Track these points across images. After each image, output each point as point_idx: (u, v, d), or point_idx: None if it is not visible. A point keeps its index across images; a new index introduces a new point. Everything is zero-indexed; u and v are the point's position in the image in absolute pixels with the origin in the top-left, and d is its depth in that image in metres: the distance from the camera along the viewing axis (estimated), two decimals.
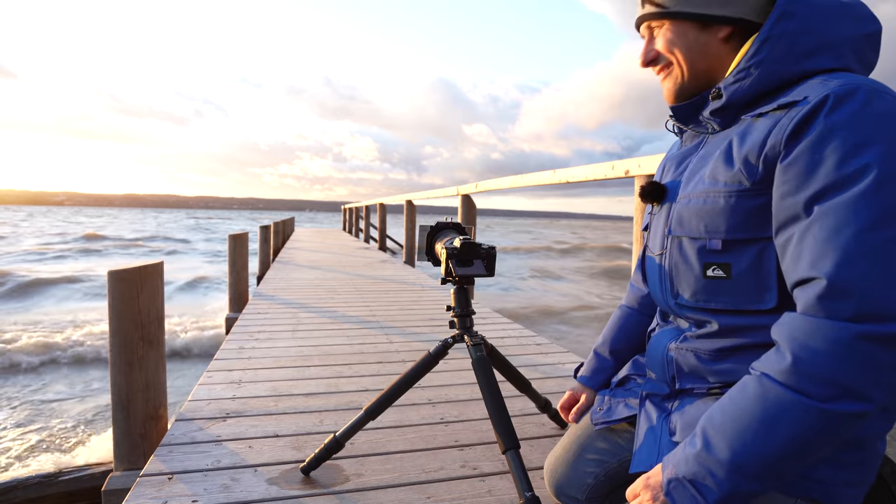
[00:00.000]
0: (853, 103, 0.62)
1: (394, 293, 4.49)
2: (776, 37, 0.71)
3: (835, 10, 0.72)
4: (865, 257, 0.58)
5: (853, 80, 0.64)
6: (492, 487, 1.33)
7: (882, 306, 0.57)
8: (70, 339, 7.55)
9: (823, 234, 0.61)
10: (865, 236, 0.59)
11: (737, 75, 0.74)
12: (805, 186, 0.63)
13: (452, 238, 1.33)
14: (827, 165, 0.62)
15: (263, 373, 2.22)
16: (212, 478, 1.33)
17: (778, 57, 0.72)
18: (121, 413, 1.65)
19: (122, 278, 1.64)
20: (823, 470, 0.70)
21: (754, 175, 0.70)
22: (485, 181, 4.07)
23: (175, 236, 37.29)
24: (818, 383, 0.59)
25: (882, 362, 0.57)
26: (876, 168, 0.59)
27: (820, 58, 0.71)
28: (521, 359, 2.54)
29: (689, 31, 0.78)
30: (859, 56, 0.73)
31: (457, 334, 1.34)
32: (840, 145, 0.61)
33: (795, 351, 0.61)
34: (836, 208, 0.61)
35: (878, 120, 0.61)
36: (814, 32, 0.71)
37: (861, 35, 0.73)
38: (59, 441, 4.36)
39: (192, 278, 15.09)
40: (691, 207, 0.79)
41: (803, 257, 0.63)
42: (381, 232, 9.89)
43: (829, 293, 0.60)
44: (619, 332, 1.11)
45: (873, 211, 0.58)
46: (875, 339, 0.57)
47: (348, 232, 15.48)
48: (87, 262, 19.76)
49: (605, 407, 0.99)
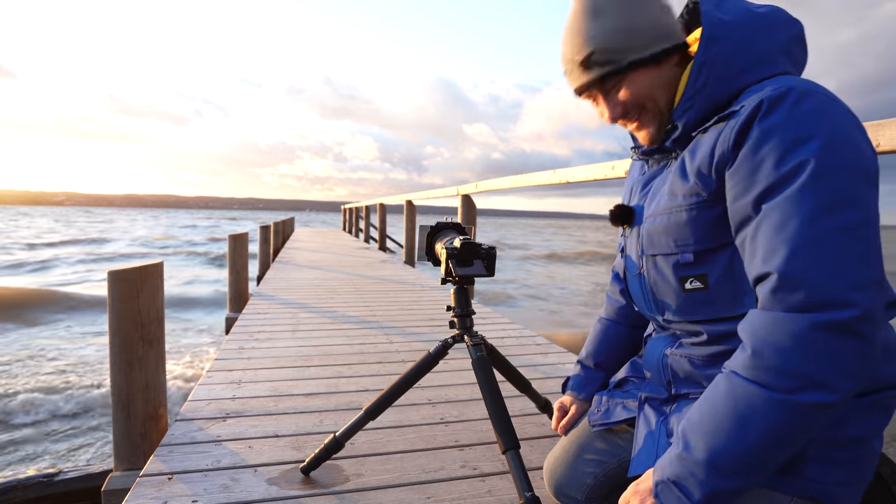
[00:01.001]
0: (785, 105, 0.64)
1: (394, 293, 4.49)
2: (709, 62, 0.74)
3: (757, 24, 0.75)
4: (811, 248, 0.60)
5: (785, 83, 0.67)
6: (492, 487, 1.33)
7: (831, 294, 0.59)
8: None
9: (771, 230, 0.64)
10: (809, 227, 0.60)
11: (684, 105, 0.77)
12: (751, 188, 0.66)
13: (452, 238, 1.33)
14: (768, 165, 0.64)
15: (263, 373, 2.22)
16: (212, 478, 1.33)
17: (716, 79, 0.74)
18: (121, 413, 1.65)
19: (122, 278, 1.64)
20: (817, 468, 0.70)
21: (709, 185, 0.72)
22: (485, 181, 4.07)
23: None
24: (782, 376, 0.60)
25: (840, 350, 0.58)
26: (813, 162, 0.61)
27: (755, 71, 0.73)
28: (521, 359, 2.54)
29: (650, 72, 0.79)
30: (791, 58, 0.76)
31: (457, 334, 1.34)
32: (777, 145, 0.64)
33: (757, 346, 0.63)
34: (780, 204, 0.63)
35: (810, 117, 0.63)
36: (742, 50, 0.74)
37: (787, 40, 0.76)
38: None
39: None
40: (657, 225, 0.81)
41: (756, 255, 0.65)
42: (381, 232, 9.89)
43: (780, 286, 0.62)
44: (601, 345, 1.12)
45: (814, 203, 0.61)
46: (830, 328, 0.58)
47: (348, 232, 15.48)
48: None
49: (602, 409, 1.00)
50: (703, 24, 0.75)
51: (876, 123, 1.08)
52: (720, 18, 0.74)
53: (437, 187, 5.63)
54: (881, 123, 1.07)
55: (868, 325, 0.58)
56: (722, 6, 0.76)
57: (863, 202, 0.61)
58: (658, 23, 0.78)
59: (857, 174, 0.61)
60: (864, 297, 0.58)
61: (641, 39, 0.77)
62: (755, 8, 0.77)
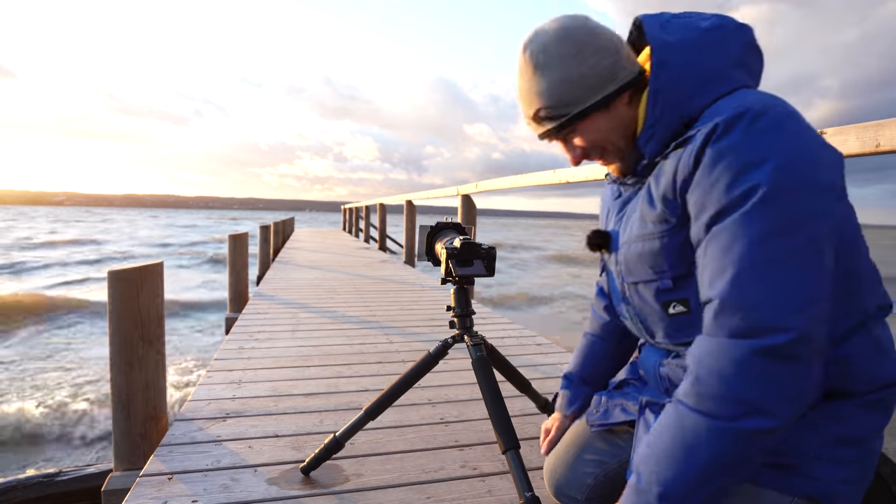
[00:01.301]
0: (739, 127, 0.64)
1: (394, 293, 4.49)
2: (662, 89, 0.74)
3: (704, 41, 0.74)
4: (751, 273, 0.60)
5: (741, 102, 0.66)
6: (492, 487, 1.33)
7: (769, 320, 0.59)
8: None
9: (717, 254, 0.64)
10: (751, 253, 0.61)
11: (646, 135, 0.77)
12: (704, 211, 0.67)
13: (452, 238, 1.33)
14: (720, 189, 0.64)
15: (263, 373, 2.22)
16: (212, 478, 1.33)
17: (671, 105, 0.74)
18: (121, 413, 1.65)
19: (122, 278, 1.64)
20: (820, 467, 0.70)
21: (675, 211, 0.73)
22: (485, 181, 4.07)
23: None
24: (723, 403, 0.60)
25: (779, 375, 0.59)
26: (763, 185, 0.61)
27: (709, 90, 0.73)
28: (521, 359, 2.54)
29: (598, 118, 0.80)
30: (746, 69, 0.75)
31: (457, 334, 1.34)
32: (729, 168, 0.64)
33: (700, 373, 0.63)
34: (727, 229, 0.63)
35: (764, 138, 0.63)
36: (693, 72, 0.73)
37: (739, 51, 0.75)
38: None
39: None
40: (632, 252, 0.81)
41: (703, 279, 0.66)
42: (381, 232, 9.88)
43: (721, 311, 0.63)
44: (587, 361, 1.13)
45: (759, 228, 0.61)
46: (768, 353, 0.59)
47: (348, 232, 15.48)
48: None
49: (601, 409, 1.00)
50: (651, 49, 0.74)
51: (876, 123, 1.08)
52: (666, 41, 0.74)
53: (438, 187, 5.63)
54: (881, 123, 1.07)
55: (804, 347, 0.59)
56: (667, 27, 0.75)
57: (812, 223, 0.60)
58: (598, 68, 0.77)
59: (810, 192, 0.61)
60: (799, 321, 0.58)
61: (584, 90, 0.78)
62: (701, 23, 0.76)
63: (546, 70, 0.78)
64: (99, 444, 4.41)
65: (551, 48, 0.78)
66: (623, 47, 0.79)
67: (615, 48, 0.78)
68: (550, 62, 0.78)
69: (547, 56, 0.78)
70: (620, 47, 0.78)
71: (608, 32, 0.79)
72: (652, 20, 0.77)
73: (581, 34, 0.77)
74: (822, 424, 0.71)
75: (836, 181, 0.66)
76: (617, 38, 0.79)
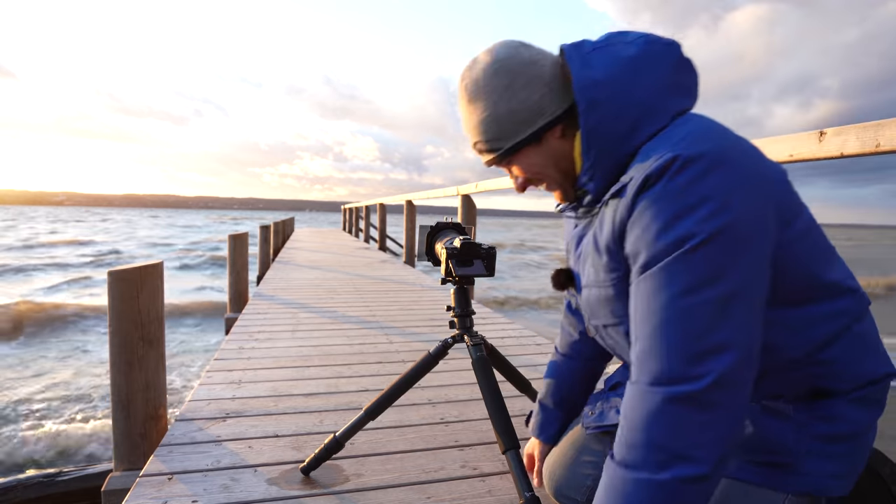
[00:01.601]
0: (666, 178, 0.64)
1: (394, 293, 4.49)
2: (593, 131, 0.73)
3: (632, 70, 0.72)
4: (670, 323, 0.61)
5: (673, 146, 0.65)
6: (492, 487, 1.33)
7: (682, 368, 0.60)
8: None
9: (641, 303, 0.65)
10: (671, 304, 0.62)
11: (586, 174, 0.77)
12: (636, 260, 0.67)
13: (452, 238, 1.33)
14: (647, 239, 0.65)
15: (263, 373, 2.22)
16: (212, 478, 1.33)
17: (607, 148, 0.73)
18: (121, 413, 1.65)
19: (122, 278, 1.64)
20: (813, 463, 0.71)
21: (620, 260, 0.73)
22: (485, 181, 4.07)
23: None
24: (645, 451, 0.61)
25: (695, 422, 0.59)
26: (687, 238, 0.61)
27: (645, 126, 0.71)
28: (521, 359, 2.54)
29: (531, 152, 0.80)
30: (679, 90, 0.74)
31: (457, 334, 1.34)
32: (654, 219, 0.64)
33: (624, 424, 0.65)
34: (651, 278, 0.64)
35: (690, 189, 0.63)
36: (625, 109, 0.71)
37: (669, 72, 0.73)
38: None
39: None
40: (592, 297, 0.82)
41: (632, 325, 0.67)
42: (381, 232, 9.89)
43: (641, 359, 0.64)
44: (558, 385, 1.13)
45: (680, 280, 0.61)
46: (681, 400, 0.59)
47: (348, 232, 15.48)
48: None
49: (596, 411, 1.00)
50: (575, 90, 0.73)
51: (875, 123, 1.08)
52: (592, 79, 0.72)
53: (438, 187, 5.63)
54: (881, 123, 1.07)
55: (719, 394, 0.59)
56: (591, 63, 0.73)
57: (735, 270, 0.61)
58: (528, 103, 0.77)
59: (735, 238, 0.61)
60: (713, 367, 0.59)
61: (514, 125, 0.78)
62: (625, 51, 0.73)
63: (478, 104, 0.79)
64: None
65: (482, 82, 0.78)
66: (554, 79, 0.77)
67: (546, 80, 0.76)
68: (481, 96, 0.78)
69: (478, 90, 0.79)
70: (551, 79, 0.76)
71: (540, 61, 0.77)
72: (574, 54, 0.75)
73: (512, 65, 0.76)
74: (811, 423, 0.72)
75: (777, 208, 0.66)
76: (549, 67, 0.77)
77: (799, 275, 0.69)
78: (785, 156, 1.30)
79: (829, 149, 1.18)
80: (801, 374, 0.72)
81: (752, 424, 0.75)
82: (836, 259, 0.73)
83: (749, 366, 0.61)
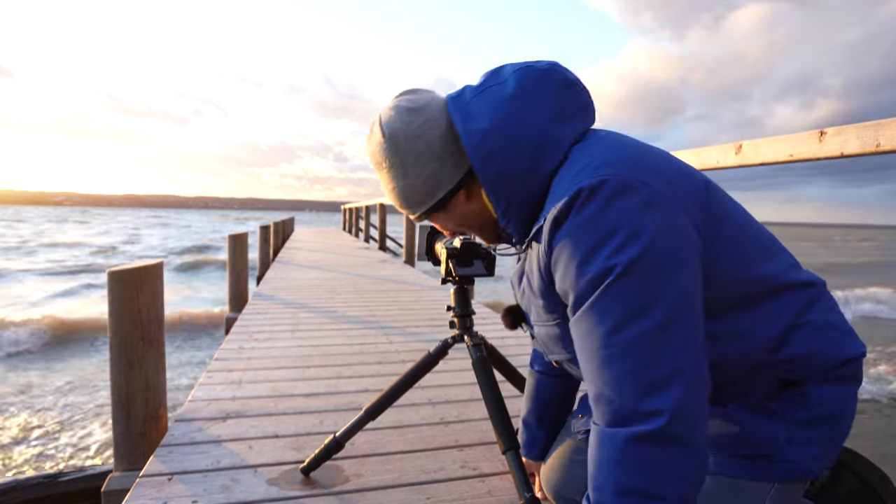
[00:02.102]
0: (572, 215, 0.63)
1: (394, 293, 4.49)
2: (493, 181, 0.72)
3: (516, 112, 0.70)
4: (609, 363, 0.60)
5: (575, 179, 0.64)
6: (492, 488, 1.33)
7: (634, 406, 0.58)
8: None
9: (579, 345, 0.64)
10: (605, 343, 0.60)
11: (503, 219, 0.77)
12: (566, 300, 0.67)
13: (452, 238, 1.33)
14: (569, 281, 0.64)
15: (263, 373, 2.22)
16: (212, 478, 1.33)
17: (512, 192, 0.72)
18: (121, 413, 1.65)
19: (122, 278, 1.64)
20: (794, 450, 0.71)
21: (555, 301, 0.73)
22: None
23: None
24: (613, 494, 0.59)
25: (657, 459, 0.58)
26: (604, 275, 0.60)
27: (543, 162, 0.70)
28: (521, 359, 2.53)
29: (440, 216, 0.83)
30: (567, 116, 0.72)
31: (457, 334, 1.34)
32: (570, 260, 0.63)
33: (592, 468, 0.63)
34: (581, 319, 0.63)
35: (597, 221, 0.61)
36: (517, 151, 0.70)
37: (551, 102, 0.71)
38: None
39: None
40: (542, 335, 0.82)
41: (580, 366, 0.66)
42: (381, 232, 9.89)
43: (595, 401, 0.63)
44: (537, 402, 1.14)
45: (608, 318, 0.60)
46: (640, 439, 0.58)
47: (348, 232, 15.48)
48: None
49: (585, 413, 1.01)
50: (465, 146, 0.71)
51: (875, 123, 1.08)
52: (478, 130, 0.70)
53: None
54: (881, 123, 1.07)
55: (678, 426, 0.57)
56: (472, 114, 0.72)
57: (661, 294, 0.59)
58: (423, 177, 0.77)
59: (654, 263, 0.59)
60: (665, 400, 0.57)
61: (415, 196, 0.79)
62: (503, 91, 0.71)
63: (382, 175, 0.81)
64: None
65: (378, 157, 0.80)
66: (446, 146, 0.75)
67: (436, 151, 0.75)
68: (382, 170, 0.80)
69: (378, 164, 0.81)
70: (442, 148, 0.75)
71: (427, 132, 0.75)
72: (455, 107, 0.74)
73: (400, 143, 0.76)
74: (788, 411, 0.71)
75: (698, 220, 0.64)
76: (440, 133, 0.75)
77: (733, 281, 0.67)
78: (785, 156, 1.30)
79: (829, 149, 1.18)
80: (767, 374, 0.71)
81: (734, 423, 0.74)
82: (773, 253, 0.71)
83: (700, 386, 0.60)
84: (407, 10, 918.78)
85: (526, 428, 1.16)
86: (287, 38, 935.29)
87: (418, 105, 0.77)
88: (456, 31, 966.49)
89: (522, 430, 1.18)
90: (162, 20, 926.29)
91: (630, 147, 0.68)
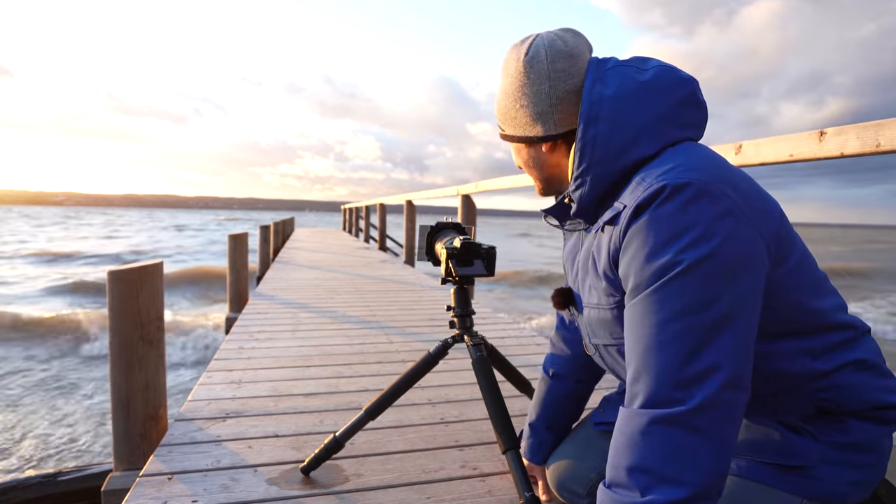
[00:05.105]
0: (654, 205, 0.65)
1: (394, 293, 4.49)
2: (589, 143, 0.75)
3: (638, 96, 0.74)
4: (658, 347, 0.62)
5: (664, 175, 0.67)
6: (492, 487, 1.33)
7: (668, 391, 0.61)
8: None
9: (632, 326, 0.67)
10: (659, 328, 0.63)
11: (574, 183, 0.79)
12: (627, 284, 0.69)
13: (452, 238, 1.33)
14: (636, 265, 0.67)
15: (263, 373, 2.22)
16: (212, 478, 1.33)
17: (598, 160, 0.75)
18: (121, 413, 1.65)
19: (122, 278, 1.64)
20: (827, 470, 0.71)
21: (617, 285, 0.75)
22: (485, 181, 4.07)
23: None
24: (630, 473, 0.61)
25: (681, 444, 0.59)
26: (674, 265, 0.62)
27: (638, 147, 0.73)
28: (521, 359, 2.54)
29: (521, 149, 0.86)
30: (678, 123, 0.75)
31: (457, 334, 1.34)
32: (643, 246, 0.65)
33: (612, 445, 0.65)
34: (641, 303, 0.65)
35: (678, 217, 0.64)
36: (622, 127, 0.73)
37: (671, 105, 0.74)
38: None
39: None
40: (593, 317, 0.83)
41: (626, 348, 0.68)
42: (381, 232, 9.89)
43: (633, 381, 0.65)
44: (549, 407, 1.15)
45: (667, 306, 0.63)
46: (667, 422, 0.60)
47: (348, 232, 15.48)
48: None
49: (607, 409, 1.01)
50: (583, 102, 0.74)
51: (876, 123, 1.08)
52: (600, 94, 0.74)
53: (438, 187, 5.63)
54: (881, 123, 1.07)
55: (703, 418, 0.59)
56: (606, 78, 0.75)
57: (721, 298, 0.61)
58: (528, 111, 0.80)
59: (721, 266, 0.62)
60: (697, 392, 0.59)
61: (511, 121, 0.84)
62: (640, 75, 0.75)
63: (502, 80, 0.85)
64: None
65: (510, 66, 0.82)
66: (563, 103, 0.78)
67: (555, 101, 0.78)
68: (504, 77, 0.84)
69: (504, 70, 0.84)
70: (560, 102, 0.78)
71: (568, 77, 0.78)
72: (594, 68, 0.77)
73: (541, 69, 0.78)
74: (825, 433, 0.73)
75: (770, 243, 0.66)
76: (567, 90, 0.78)
77: (789, 308, 0.70)
78: (785, 156, 1.30)
79: (829, 149, 1.18)
80: (809, 397, 0.73)
81: (773, 430, 0.76)
82: (825, 293, 0.74)
83: (737, 390, 0.61)
84: (407, 9, 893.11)
85: (533, 432, 1.16)
86: (286, 36, 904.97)
87: (569, 52, 0.78)
88: (456, 31, 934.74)
89: (528, 433, 1.18)
90: (161, 19, 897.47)
91: (718, 162, 0.70)
